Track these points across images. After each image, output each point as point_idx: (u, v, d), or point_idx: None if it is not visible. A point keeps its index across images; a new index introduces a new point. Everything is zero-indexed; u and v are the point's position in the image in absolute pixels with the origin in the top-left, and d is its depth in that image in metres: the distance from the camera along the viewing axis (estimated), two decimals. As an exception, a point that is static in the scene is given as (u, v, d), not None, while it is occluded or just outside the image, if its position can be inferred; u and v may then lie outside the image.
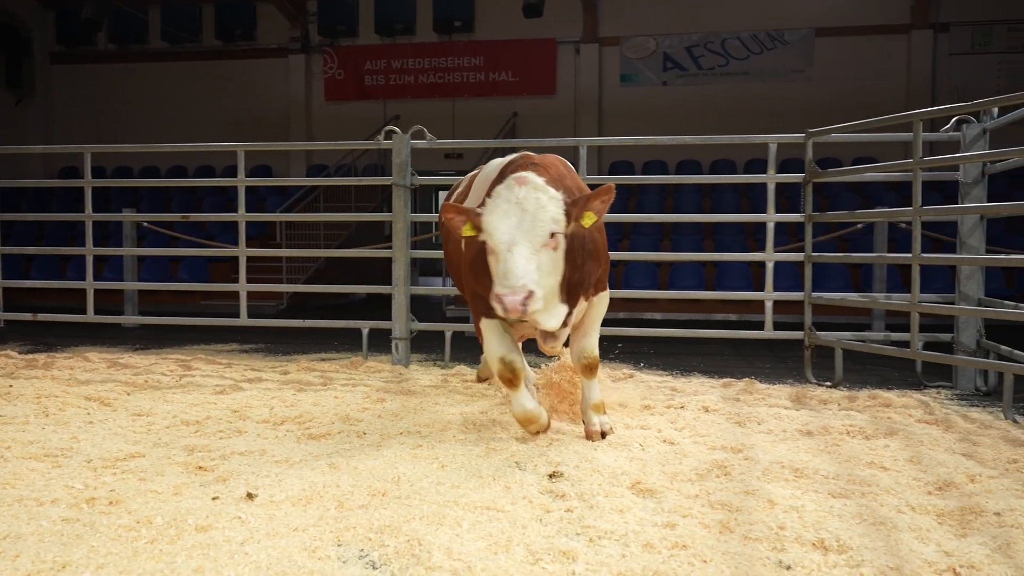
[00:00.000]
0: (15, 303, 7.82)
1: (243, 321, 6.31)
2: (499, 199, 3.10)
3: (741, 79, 15.64)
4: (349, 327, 6.36)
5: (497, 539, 2.38)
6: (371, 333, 6.27)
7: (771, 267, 5.70)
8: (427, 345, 6.78)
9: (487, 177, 3.72)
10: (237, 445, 3.48)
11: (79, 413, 4.19)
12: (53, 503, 2.70)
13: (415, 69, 16.73)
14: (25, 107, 17.98)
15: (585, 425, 3.67)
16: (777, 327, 5.68)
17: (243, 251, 6.35)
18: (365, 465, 3.12)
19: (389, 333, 6.03)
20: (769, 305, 5.67)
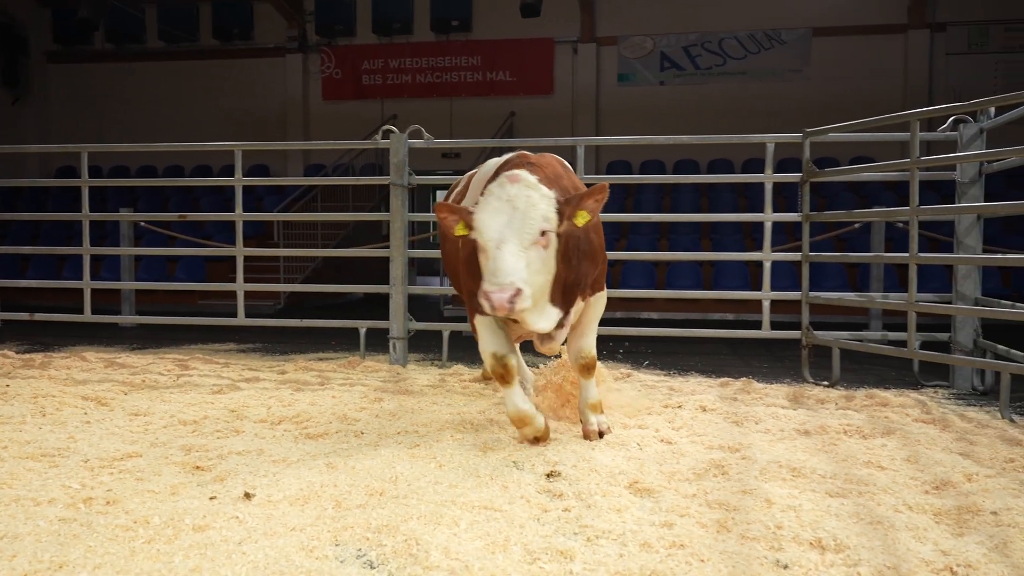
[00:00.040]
0: (12, 303, 7.81)
1: (240, 321, 6.31)
2: (490, 197, 3.07)
3: (738, 79, 15.65)
4: (347, 327, 6.36)
5: (495, 538, 2.38)
6: (369, 333, 6.26)
7: (768, 267, 5.70)
8: (425, 345, 6.78)
9: (484, 176, 3.71)
10: (234, 445, 3.48)
11: (76, 413, 4.18)
12: (50, 503, 2.69)
13: (413, 68, 16.73)
14: (21, 106, 17.95)
15: (583, 424, 3.67)
16: (774, 327, 5.69)
17: (240, 251, 6.34)
18: (363, 465, 3.12)
19: (387, 333, 6.03)
20: (766, 305, 5.68)
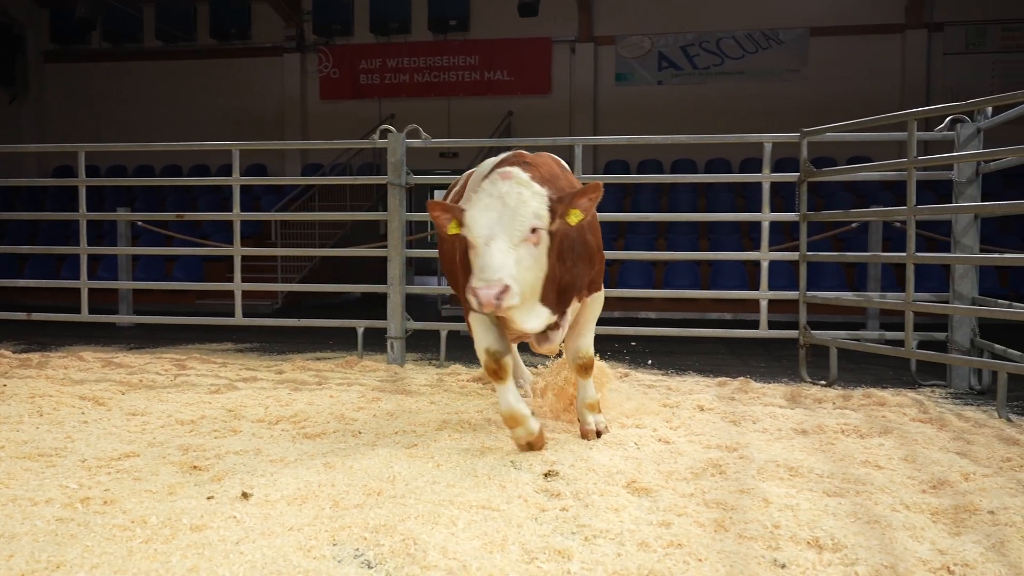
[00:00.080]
0: (9, 302, 7.80)
1: (238, 320, 6.30)
2: (482, 194, 3.03)
3: (736, 78, 15.66)
4: (344, 326, 6.36)
5: (492, 538, 2.38)
6: (366, 332, 6.26)
7: (766, 266, 5.71)
8: (423, 344, 6.78)
9: (480, 176, 3.69)
10: (232, 444, 3.48)
11: (73, 413, 4.18)
12: (47, 503, 2.69)
13: (410, 68, 16.72)
14: (19, 106, 17.93)
15: (580, 424, 3.66)
16: (772, 326, 5.69)
17: (238, 250, 6.34)
18: (360, 464, 3.12)
19: (384, 332, 6.03)
20: (764, 304, 5.68)
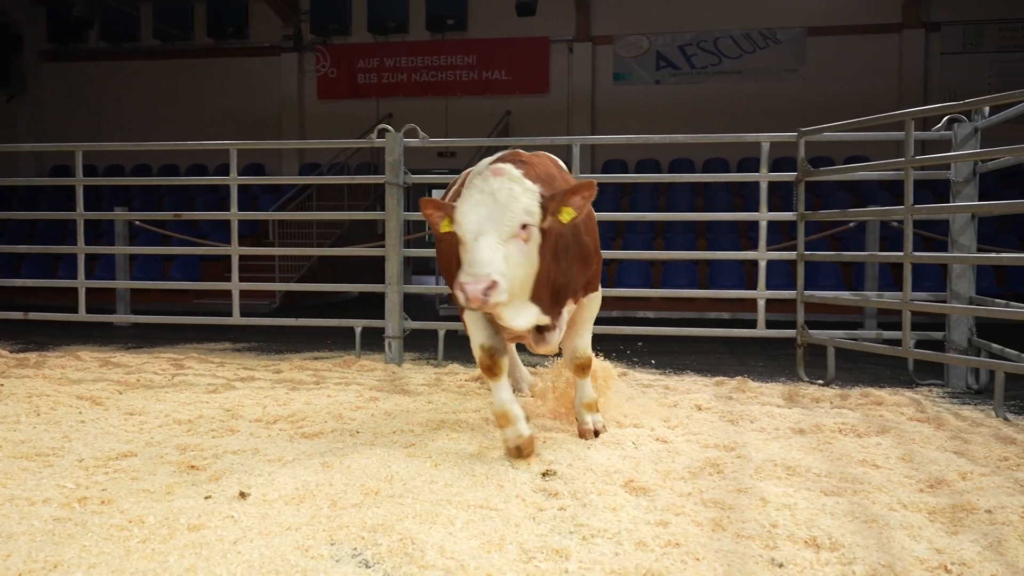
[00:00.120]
0: (6, 302, 7.79)
1: (236, 320, 6.30)
2: (473, 190, 3.00)
3: (734, 78, 15.66)
4: (342, 326, 6.35)
5: (490, 537, 2.38)
6: (364, 332, 6.26)
7: (764, 265, 5.71)
8: (420, 344, 6.78)
9: (476, 175, 3.70)
10: (230, 444, 3.48)
11: (71, 412, 4.17)
12: (45, 502, 2.69)
13: (408, 67, 16.71)
14: (16, 105, 17.90)
15: (578, 424, 3.66)
16: (770, 325, 5.70)
17: (235, 250, 6.33)
18: (358, 464, 3.11)
19: (382, 332, 6.03)
20: (762, 303, 5.69)
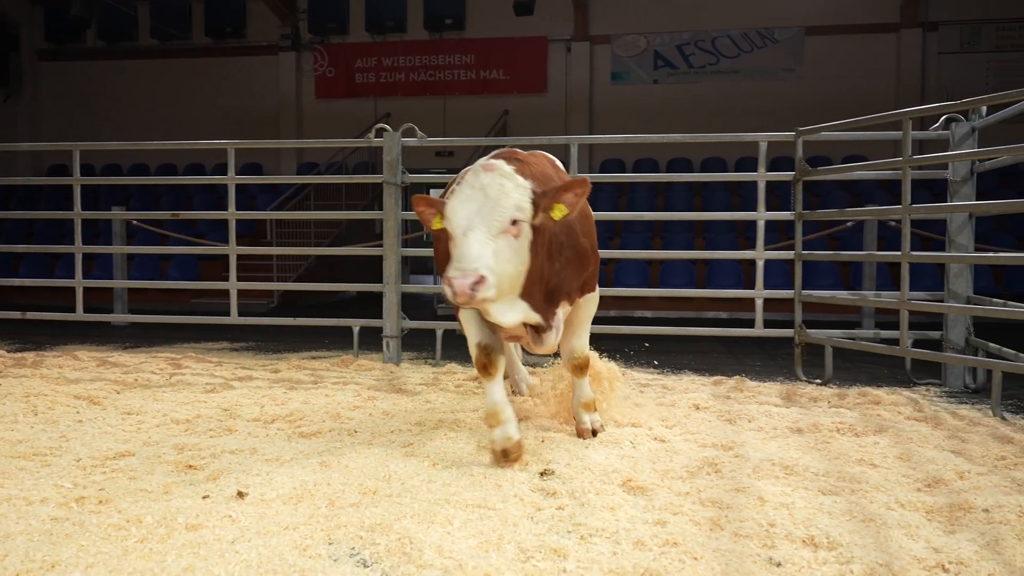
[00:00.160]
0: (3, 301, 7.77)
1: (233, 319, 6.29)
2: (464, 185, 2.99)
3: (732, 77, 15.67)
4: (340, 325, 6.35)
5: (488, 537, 2.38)
6: (362, 331, 6.25)
7: (761, 265, 5.71)
8: (418, 343, 6.77)
9: (469, 171, 3.68)
10: (227, 444, 3.47)
11: (68, 412, 4.17)
12: (42, 502, 2.68)
13: (406, 67, 16.70)
14: (13, 104, 17.87)
15: (576, 423, 3.66)
16: (767, 325, 5.70)
17: (233, 249, 6.32)
18: (356, 463, 3.11)
19: (380, 331, 6.02)
20: (759, 303, 5.69)
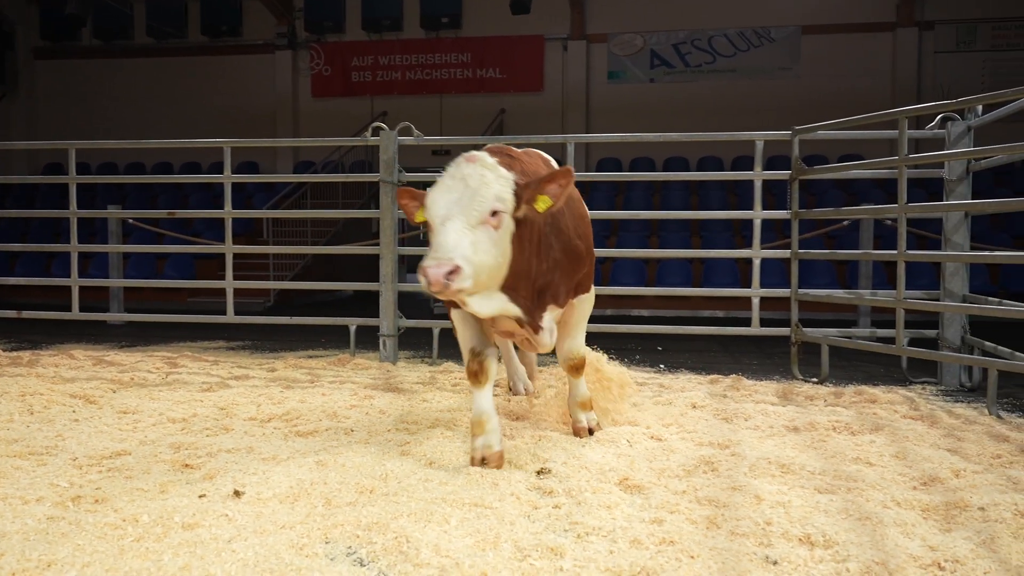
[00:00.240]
0: (-1, 300, 7.76)
1: (230, 318, 6.28)
2: (445, 176, 2.94)
3: (728, 76, 15.69)
4: (337, 324, 6.35)
5: (485, 536, 2.38)
6: (359, 330, 6.25)
7: (758, 264, 5.72)
8: (415, 342, 6.77)
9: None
10: (224, 443, 3.47)
11: (64, 411, 4.16)
12: (38, 501, 2.67)
13: (402, 65, 16.69)
14: (8, 103, 17.84)
15: (573, 422, 3.66)
16: (764, 323, 5.70)
17: (229, 248, 6.31)
18: (353, 462, 3.11)
19: (377, 330, 6.02)
20: (756, 301, 5.69)
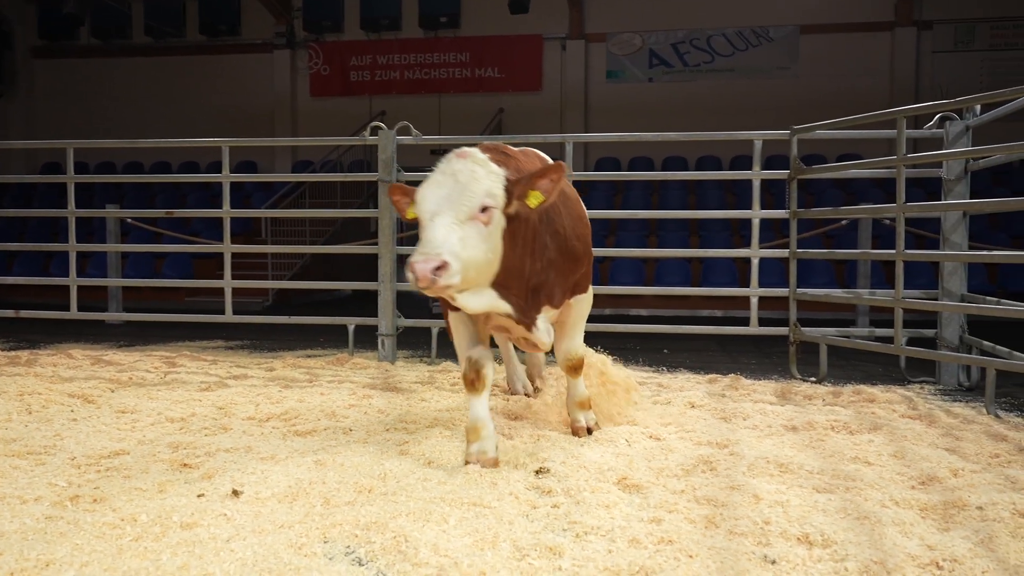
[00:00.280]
0: (-3, 300, 7.76)
1: (228, 318, 6.28)
2: (436, 172, 2.92)
3: (727, 76, 15.69)
4: (335, 323, 6.35)
5: (483, 535, 2.38)
6: (357, 329, 6.25)
7: (756, 263, 5.72)
8: (413, 341, 6.77)
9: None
10: (222, 442, 3.46)
11: (63, 410, 4.15)
12: (36, 501, 2.67)
13: (401, 65, 16.69)
14: (6, 102, 17.82)
15: (571, 422, 3.67)
16: (762, 323, 5.71)
17: (228, 247, 6.31)
18: (351, 462, 3.11)
19: (375, 329, 6.02)
20: (754, 301, 5.69)
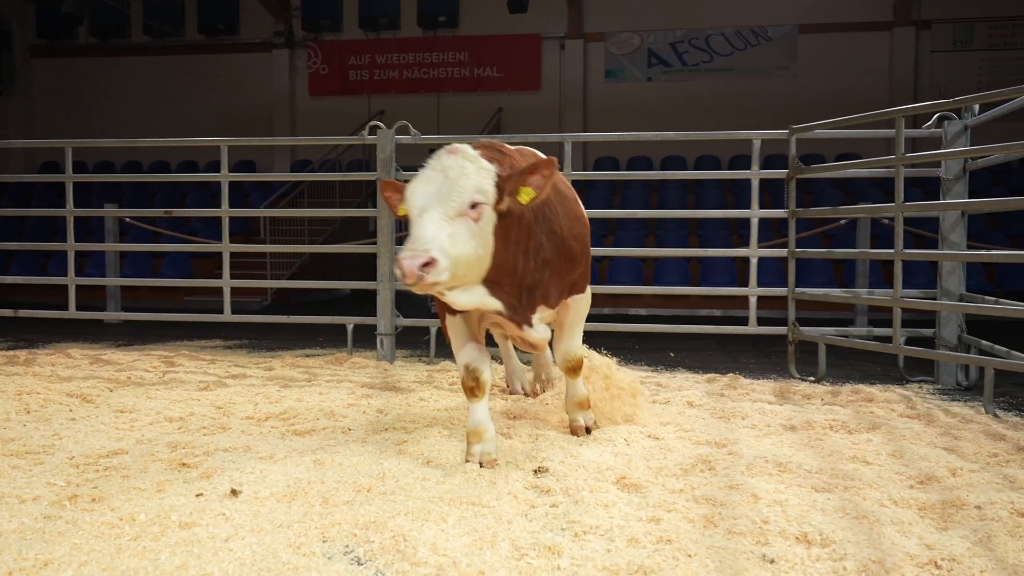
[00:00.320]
0: (-5, 299, 7.75)
1: (227, 317, 6.27)
2: (426, 168, 2.91)
3: (725, 75, 15.69)
4: (334, 323, 6.35)
5: (482, 534, 2.38)
6: (356, 329, 6.25)
7: (755, 263, 5.72)
8: (412, 341, 6.76)
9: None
10: (221, 441, 3.46)
11: (61, 410, 4.15)
12: (35, 500, 2.67)
13: (399, 64, 16.69)
14: (5, 101, 17.81)
15: (570, 421, 3.67)
16: (761, 322, 5.71)
17: (227, 247, 6.30)
18: (350, 461, 3.11)
19: (374, 329, 6.02)
20: (753, 301, 5.70)
